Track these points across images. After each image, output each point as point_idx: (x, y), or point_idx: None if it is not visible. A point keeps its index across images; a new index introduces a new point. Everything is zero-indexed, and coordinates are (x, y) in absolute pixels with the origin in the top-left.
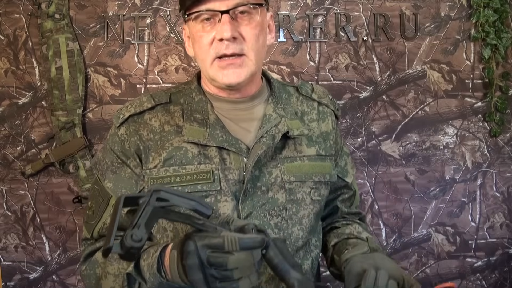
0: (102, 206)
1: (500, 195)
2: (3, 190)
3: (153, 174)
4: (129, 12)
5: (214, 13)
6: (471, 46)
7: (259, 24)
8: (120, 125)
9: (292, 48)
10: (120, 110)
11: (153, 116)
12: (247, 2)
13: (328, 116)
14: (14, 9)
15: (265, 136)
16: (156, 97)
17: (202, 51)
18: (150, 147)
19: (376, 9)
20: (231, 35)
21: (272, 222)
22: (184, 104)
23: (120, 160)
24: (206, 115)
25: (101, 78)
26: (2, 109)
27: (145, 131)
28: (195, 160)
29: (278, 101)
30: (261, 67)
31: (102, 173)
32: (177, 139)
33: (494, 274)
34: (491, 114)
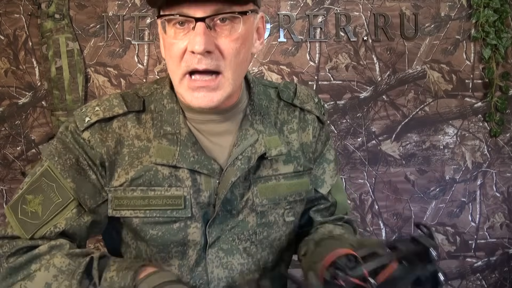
0: (56, 206)
1: (500, 195)
2: (3, 190)
3: (118, 193)
4: (129, 12)
5: (188, 19)
6: (471, 46)
7: (241, 36)
8: (84, 130)
9: (292, 48)
10: (85, 110)
11: (122, 125)
12: (230, 9)
13: (310, 124)
14: (14, 9)
15: (240, 158)
16: (128, 101)
17: (172, 61)
18: (117, 162)
19: (376, 9)
20: (204, 49)
21: (241, 247)
22: (154, 112)
23: (86, 162)
24: (177, 129)
25: (101, 78)
26: (2, 109)
27: (113, 143)
28: (166, 182)
29: (256, 112)
30: (241, 83)
31: (63, 169)
32: (147, 157)
33: (494, 274)
34: (491, 114)
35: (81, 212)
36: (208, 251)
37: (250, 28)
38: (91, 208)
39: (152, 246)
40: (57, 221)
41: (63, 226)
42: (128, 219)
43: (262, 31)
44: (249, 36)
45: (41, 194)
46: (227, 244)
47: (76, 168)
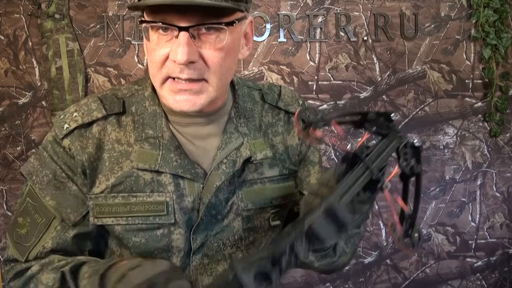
0: (41, 227)
1: (500, 195)
2: (3, 190)
3: (99, 200)
4: (129, 12)
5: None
6: (471, 46)
7: (227, 46)
8: (64, 137)
9: (292, 48)
10: (63, 117)
11: (102, 129)
12: (216, 20)
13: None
14: (14, 9)
15: (225, 162)
16: (107, 104)
17: (153, 66)
18: (98, 168)
19: (376, 9)
20: (187, 60)
21: (226, 253)
22: (135, 114)
23: (64, 174)
24: (159, 132)
25: (101, 78)
26: (2, 109)
27: (93, 149)
28: (147, 187)
29: (241, 115)
30: (226, 89)
31: (41, 187)
32: (127, 162)
33: (494, 274)
34: (491, 114)
35: (65, 228)
36: (192, 257)
37: (237, 36)
38: (75, 221)
39: (136, 254)
40: (44, 241)
41: (50, 245)
42: (110, 226)
43: (250, 36)
44: (235, 45)
45: (27, 216)
46: (211, 250)
47: (54, 183)
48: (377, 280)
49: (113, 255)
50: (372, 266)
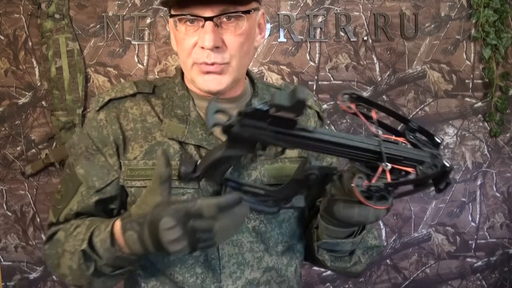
0: (71, 191)
1: (500, 195)
2: (3, 190)
3: (131, 165)
4: (129, 12)
5: (198, 18)
6: (471, 46)
7: (245, 32)
8: (99, 109)
9: (292, 48)
10: (100, 94)
11: (134, 104)
12: (234, 9)
13: (311, 117)
14: (14, 9)
15: None
16: (140, 85)
17: (183, 54)
18: (130, 136)
19: (376, 9)
20: (213, 45)
21: (250, 226)
22: (166, 98)
23: (95, 146)
24: (187, 112)
25: (101, 78)
26: (2, 109)
27: (125, 120)
28: (176, 156)
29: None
30: (245, 72)
31: (75, 158)
32: (160, 133)
33: (494, 274)
34: (491, 114)
35: (90, 194)
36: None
37: (252, 24)
38: (99, 188)
39: None
40: (72, 205)
41: (76, 208)
42: (138, 190)
43: (263, 26)
44: (252, 31)
45: (64, 184)
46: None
47: (85, 155)
48: (377, 280)
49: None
50: (372, 266)
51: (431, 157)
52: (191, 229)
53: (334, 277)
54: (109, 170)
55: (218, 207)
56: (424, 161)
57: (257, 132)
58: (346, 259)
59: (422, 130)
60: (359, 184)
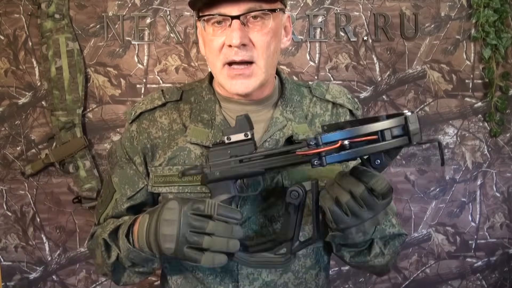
0: (108, 197)
1: (500, 195)
2: (3, 190)
3: (157, 171)
4: (129, 12)
5: (225, 17)
6: (471, 46)
7: (271, 30)
8: (132, 122)
9: (292, 48)
10: (133, 107)
11: (163, 114)
12: (260, 7)
13: (342, 117)
14: (14, 9)
15: (268, 140)
16: (168, 94)
17: (212, 55)
18: (158, 145)
19: (376, 9)
20: (240, 42)
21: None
22: (193, 103)
23: (128, 156)
24: (213, 116)
25: (101, 78)
26: (2, 109)
27: (154, 129)
28: (197, 161)
29: (287, 104)
30: (274, 73)
31: (111, 167)
32: (182, 138)
33: (494, 274)
34: (491, 114)
35: (122, 201)
36: None
37: (278, 24)
38: (130, 195)
39: None
40: (108, 210)
41: (111, 214)
42: (165, 195)
43: (289, 29)
44: (278, 31)
45: (105, 189)
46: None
47: (119, 164)
48: (377, 280)
49: None
50: None
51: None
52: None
53: (334, 277)
54: (139, 179)
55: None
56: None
57: (224, 168)
58: (365, 252)
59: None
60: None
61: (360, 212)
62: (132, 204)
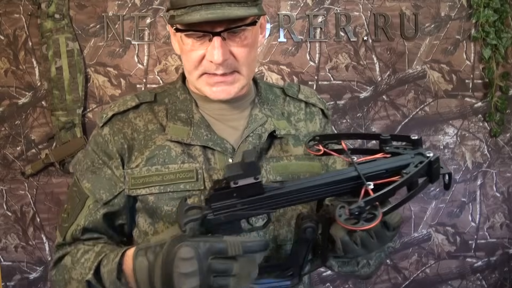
0: (78, 207)
1: (500, 195)
2: (3, 190)
3: (134, 173)
4: (129, 12)
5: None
6: (471, 46)
7: (251, 41)
8: (103, 125)
9: (292, 48)
10: (103, 110)
11: (137, 115)
12: (242, 23)
13: (316, 115)
14: (14, 9)
15: (251, 135)
16: (141, 96)
17: (190, 64)
18: (134, 146)
19: (376, 9)
20: (222, 60)
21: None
22: (168, 103)
23: (101, 160)
24: (190, 114)
25: (101, 78)
26: (2, 109)
27: (129, 130)
28: (179, 159)
29: (264, 102)
30: (253, 74)
31: (81, 173)
32: (160, 137)
33: (494, 274)
34: (491, 114)
35: (97, 207)
36: None
37: (257, 31)
38: (106, 200)
39: (169, 224)
40: (79, 220)
41: (83, 223)
42: (145, 197)
43: (264, 26)
44: (256, 38)
45: (70, 201)
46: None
47: (92, 169)
48: (377, 280)
49: (147, 236)
50: None
51: (416, 157)
52: (208, 267)
53: (334, 277)
54: (116, 182)
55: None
56: (408, 163)
57: (231, 211)
58: (353, 263)
59: (395, 137)
60: (341, 214)
61: (370, 243)
62: (109, 211)
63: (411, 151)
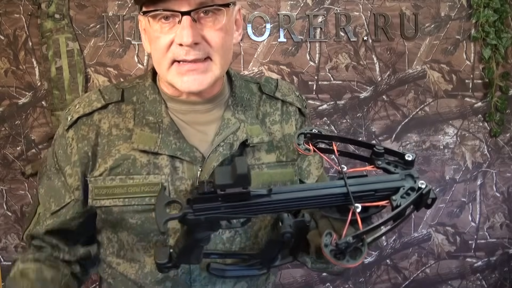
0: (33, 211)
1: (500, 195)
2: (3, 190)
3: (98, 183)
4: (129, 12)
5: (174, 13)
6: (471, 46)
7: (224, 26)
8: (68, 128)
9: (292, 48)
10: (68, 110)
11: (103, 117)
12: (213, 2)
13: (292, 116)
14: (14, 9)
15: (222, 145)
16: (107, 95)
17: (158, 53)
18: (97, 152)
19: (376, 9)
20: (192, 41)
21: (224, 236)
22: (136, 103)
23: (58, 166)
24: (159, 118)
25: (101, 78)
26: (2, 109)
27: (93, 135)
28: (144, 170)
29: (238, 103)
30: (228, 66)
31: (40, 177)
32: (125, 145)
33: (494, 274)
34: (491, 114)
35: (46, 216)
36: None
37: (231, 18)
38: (54, 211)
39: (133, 235)
40: (31, 225)
41: (31, 230)
42: (108, 208)
43: (239, 22)
44: (231, 26)
45: (33, 201)
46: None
47: (48, 174)
48: (377, 280)
49: (111, 243)
50: (372, 266)
51: (406, 179)
52: None
53: (334, 277)
54: (66, 192)
55: None
56: (399, 187)
57: (213, 212)
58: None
59: (389, 151)
60: (327, 244)
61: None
62: (54, 224)
63: (402, 171)
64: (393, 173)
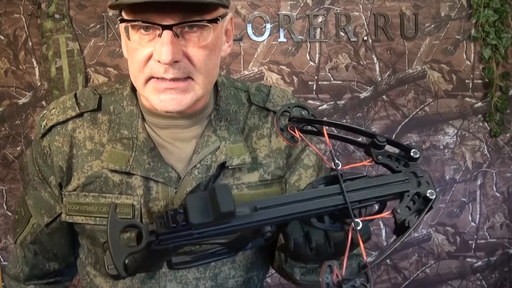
0: (24, 220)
1: (500, 195)
2: (3, 190)
3: (72, 198)
4: None
5: (154, 25)
6: (471, 46)
7: (211, 43)
8: (43, 136)
9: (292, 48)
10: (42, 116)
11: (78, 126)
12: (200, 17)
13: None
14: (14, 9)
15: (198, 167)
16: (83, 101)
17: (135, 66)
18: (73, 165)
19: (376, 9)
20: (171, 60)
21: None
22: (113, 113)
23: (41, 176)
24: (134, 133)
25: (101, 78)
26: (2, 109)
27: (68, 147)
28: (116, 189)
29: (222, 117)
30: (212, 85)
31: (24, 185)
32: (97, 162)
33: (494, 274)
34: (491, 114)
35: (41, 227)
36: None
37: (219, 33)
38: (47, 222)
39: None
40: (26, 233)
41: (29, 239)
42: (82, 225)
43: (230, 33)
44: (219, 42)
45: (19, 206)
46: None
47: (33, 183)
48: (377, 280)
49: (90, 253)
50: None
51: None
52: None
53: None
54: (55, 203)
55: None
56: (403, 192)
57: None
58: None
59: (392, 143)
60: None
61: (325, 252)
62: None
63: (405, 169)
64: (395, 171)
